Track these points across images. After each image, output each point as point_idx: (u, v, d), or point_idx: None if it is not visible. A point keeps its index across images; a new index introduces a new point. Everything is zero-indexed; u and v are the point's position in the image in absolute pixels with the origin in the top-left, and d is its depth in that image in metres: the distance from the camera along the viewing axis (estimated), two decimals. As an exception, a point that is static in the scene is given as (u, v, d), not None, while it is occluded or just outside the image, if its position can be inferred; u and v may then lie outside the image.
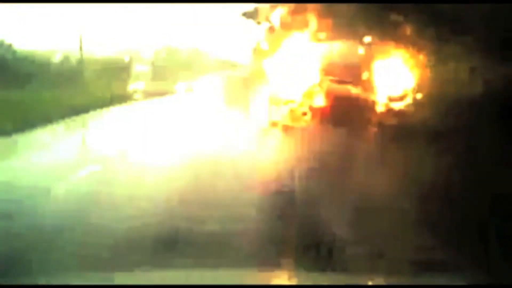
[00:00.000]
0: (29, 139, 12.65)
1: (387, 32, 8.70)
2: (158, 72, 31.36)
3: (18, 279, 2.82)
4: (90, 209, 5.93)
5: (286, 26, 17.60)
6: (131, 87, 28.90)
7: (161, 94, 28.24)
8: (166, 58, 33.06)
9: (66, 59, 27.61)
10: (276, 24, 18.75)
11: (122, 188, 6.98)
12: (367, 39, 9.33)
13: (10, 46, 23.15)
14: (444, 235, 4.71)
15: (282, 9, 18.09)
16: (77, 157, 9.95)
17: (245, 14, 19.02)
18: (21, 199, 6.26)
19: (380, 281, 2.74)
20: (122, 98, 25.39)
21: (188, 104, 23.75)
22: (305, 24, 13.21)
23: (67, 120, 16.36)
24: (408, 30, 8.45)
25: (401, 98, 8.48)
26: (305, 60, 10.90)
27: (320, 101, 9.92)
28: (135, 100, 24.70)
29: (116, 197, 6.41)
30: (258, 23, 19.17)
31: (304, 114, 9.77)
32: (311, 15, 12.79)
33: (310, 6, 13.05)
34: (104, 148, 10.47)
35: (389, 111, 8.42)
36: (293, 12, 15.94)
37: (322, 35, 10.32)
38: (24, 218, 5.49)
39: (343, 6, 10.77)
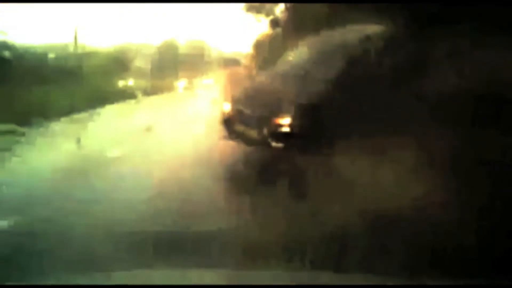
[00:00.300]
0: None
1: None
2: (159, 68, 31.41)
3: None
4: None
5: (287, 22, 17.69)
6: (129, 83, 28.95)
7: (162, 91, 28.29)
8: (168, 53, 33.12)
9: (62, 54, 27.65)
10: (279, 19, 18.84)
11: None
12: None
13: (5, 42, 23.20)
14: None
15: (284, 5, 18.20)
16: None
17: (246, 8, 19.13)
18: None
19: (380, 281, 2.82)
20: (121, 95, 25.39)
21: (190, 100, 23.72)
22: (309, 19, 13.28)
23: (64, 119, 16.37)
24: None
25: None
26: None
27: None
28: (133, 97, 24.65)
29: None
30: (259, 20, 19.30)
31: None
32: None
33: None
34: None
35: None
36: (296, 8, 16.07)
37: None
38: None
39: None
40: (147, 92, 26.76)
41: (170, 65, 31.69)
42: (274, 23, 19.25)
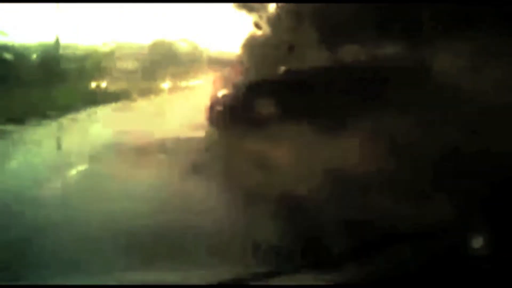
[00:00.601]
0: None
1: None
2: (146, 70, 31.29)
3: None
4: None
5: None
6: (115, 85, 28.80)
7: (148, 93, 28.18)
8: (155, 54, 33.02)
9: (43, 53, 27.52)
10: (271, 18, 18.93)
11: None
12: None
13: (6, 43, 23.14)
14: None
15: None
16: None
17: (237, 7, 19.17)
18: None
19: (379, 281, 2.90)
20: (103, 98, 25.27)
21: (173, 106, 23.10)
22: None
23: (46, 121, 16.24)
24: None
25: None
26: None
27: None
28: (116, 101, 24.35)
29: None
30: (254, 21, 19.37)
31: None
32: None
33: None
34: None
35: None
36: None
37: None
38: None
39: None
40: (131, 96, 26.45)
41: (157, 67, 31.61)
42: (259, 24, 19.34)
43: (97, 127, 15.21)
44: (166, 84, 31.73)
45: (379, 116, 7.69)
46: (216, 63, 26.59)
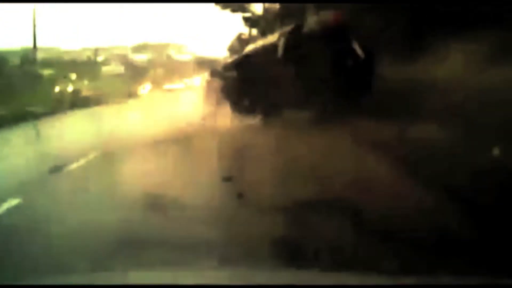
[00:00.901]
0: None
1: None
2: (128, 73, 31.29)
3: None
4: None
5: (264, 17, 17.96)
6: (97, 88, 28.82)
7: (129, 97, 28.19)
8: (139, 57, 33.02)
9: (23, 58, 27.48)
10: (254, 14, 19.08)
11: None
12: None
13: None
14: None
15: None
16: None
17: (220, 5, 19.26)
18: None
19: (380, 281, 2.95)
20: (84, 101, 25.23)
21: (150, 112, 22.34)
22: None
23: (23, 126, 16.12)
24: None
25: None
26: None
27: None
28: (99, 104, 24.23)
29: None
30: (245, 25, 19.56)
31: None
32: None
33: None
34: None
35: None
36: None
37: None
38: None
39: None
40: (109, 101, 26.30)
41: (139, 70, 31.61)
42: (250, 22, 19.47)
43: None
44: (148, 87, 31.74)
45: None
46: (203, 65, 26.63)
